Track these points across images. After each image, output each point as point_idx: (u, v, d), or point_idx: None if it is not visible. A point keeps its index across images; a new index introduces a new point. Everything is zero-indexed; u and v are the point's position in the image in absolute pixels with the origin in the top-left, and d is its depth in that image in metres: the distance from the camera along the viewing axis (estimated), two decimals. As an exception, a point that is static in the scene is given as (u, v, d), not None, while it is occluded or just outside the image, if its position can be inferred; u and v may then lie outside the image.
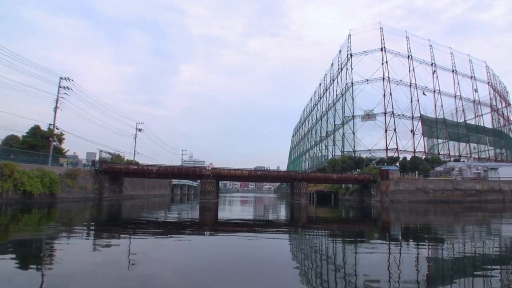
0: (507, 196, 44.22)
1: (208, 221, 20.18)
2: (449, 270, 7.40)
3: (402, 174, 50.88)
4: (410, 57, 71.00)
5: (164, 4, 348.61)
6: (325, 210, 33.90)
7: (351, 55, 71.90)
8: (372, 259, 8.57)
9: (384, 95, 66.34)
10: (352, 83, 70.06)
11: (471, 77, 79.58)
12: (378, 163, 57.69)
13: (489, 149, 77.54)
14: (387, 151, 63.47)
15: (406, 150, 64.44)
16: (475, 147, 74.45)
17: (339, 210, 34.55)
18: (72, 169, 34.90)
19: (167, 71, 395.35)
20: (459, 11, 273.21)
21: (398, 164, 56.16)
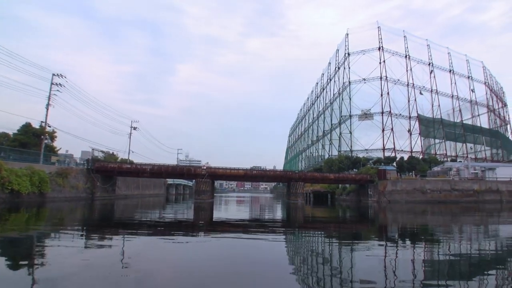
0: (504, 196, 43.92)
1: (201, 221, 19.69)
2: (446, 272, 7.39)
3: (399, 174, 50.56)
4: (408, 56, 70.65)
5: (162, 4, 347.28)
6: (321, 211, 33.68)
7: (348, 54, 71.39)
8: (369, 259, 8.52)
9: (382, 95, 66.00)
10: (350, 82, 69.63)
11: (468, 77, 79.49)
12: (375, 163, 57.35)
13: (485, 149, 77.53)
14: (384, 151, 63.11)
15: (403, 150, 64.10)
16: (471, 147, 74.37)
17: (336, 211, 34.53)
18: (63, 167, 34.01)
19: (165, 70, 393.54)
20: (456, 12, 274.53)
21: (395, 164, 55.84)
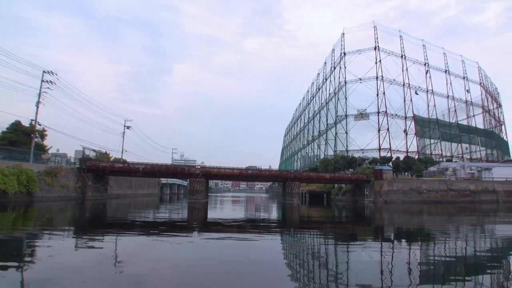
0: (500, 196, 43.74)
1: (195, 222, 19.22)
2: (442, 272, 7.35)
3: (396, 174, 50.27)
4: (404, 56, 70.54)
5: (160, 3, 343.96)
6: (317, 211, 33.34)
7: (344, 53, 71.08)
8: (366, 260, 8.50)
9: (377, 95, 65.72)
10: (345, 82, 69.29)
11: (464, 78, 79.60)
12: (371, 163, 57.02)
13: (480, 149, 77.66)
14: (380, 150, 62.84)
15: (399, 150, 63.94)
16: (467, 148, 74.42)
17: (332, 211, 34.17)
18: (52, 166, 33.08)
19: (162, 70, 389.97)
20: (452, 13, 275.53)
21: (391, 164, 55.52)
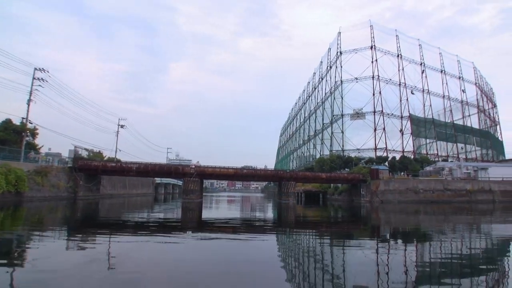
0: (497, 196, 43.62)
1: (187, 222, 18.73)
2: (438, 273, 7.35)
3: (392, 174, 50.03)
4: (400, 56, 70.39)
5: (155, 2, 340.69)
6: (313, 211, 33.07)
7: (340, 53, 70.76)
8: (362, 260, 8.48)
9: (374, 94, 65.51)
10: (342, 81, 69.01)
11: (459, 78, 79.69)
12: (367, 162, 56.77)
13: (476, 149, 77.74)
14: (376, 150, 62.60)
15: (394, 150, 63.73)
16: (462, 147, 74.45)
17: (328, 210, 34.04)
18: (42, 165, 32.30)
19: (158, 69, 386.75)
20: (447, 14, 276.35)
21: (387, 163, 55.27)
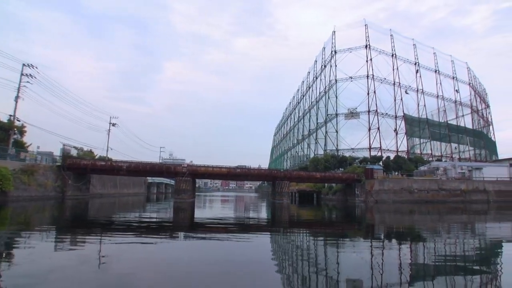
0: (491, 196, 43.56)
1: (177, 222, 18.04)
2: (432, 272, 7.40)
3: (386, 174, 49.76)
4: (394, 55, 70.12)
5: (149, 1, 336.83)
6: (307, 210, 32.79)
7: (335, 52, 70.27)
8: (356, 261, 8.46)
9: (368, 93, 65.18)
10: (336, 80, 68.50)
11: (453, 78, 79.74)
12: (362, 162, 56.45)
13: (469, 149, 77.92)
14: (370, 150, 62.31)
15: (389, 150, 63.44)
16: (456, 147, 74.55)
17: (322, 210, 33.71)
18: (29, 164, 31.30)
19: (152, 68, 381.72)
20: (441, 15, 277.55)
21: (381, 163, 55.00)
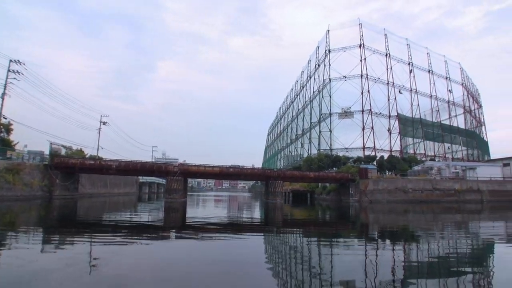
0: (485, 196, 43.52)
1: (167, 224, 17.37)
2: (426, 272, 7.43)
3: (381, 174, 49.53)
4: (388, 55, 70.03)
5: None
6: (301, 210, 32.42)
7: (329, 51, 69.94)
8: (350, 261, 8.45)
9: (362, 93, 64.97)
10: (330, 79, 68.16)
11: (446, 78, 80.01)
12: (355, 161, 56.22)
13: (462, 149, 78.21)
14: (364, 149, 62.08)
15: (382, 149, 63.31)
16: (449, 147, 74.74)
17: (316, 210, 33.41)
18: (14, 163, 30.32)
19: (146, 67, 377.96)
20: (433, 16, 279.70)
21: (375, 163, 54.76)
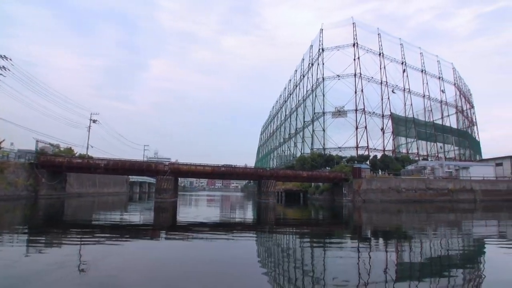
0: (478, 195, 43.52)
1: (157, 225, 16.61)
2: (418, 271, 7.45)
3: (374, 173, 49.25)
4: (382, 54, 69.94)
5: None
6: (294, 210, 31.96)
7: (322, 50, 69.62)
8: (343, 261, 8.40)
9: (356, 92, 64.75)
10: (323, 78, 67.84)
11: (439, 78, 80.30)
12: (349, 161, 55.89)
13: (454, 149, 78.55)
14: (357, 149, 61.86)
15: (376, 149, 63.23)
16: (441, 147, 74.96)
17: (309, 210, 32.94)
18: (-4, 161, 29.35)
19: (138, 65, 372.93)
20: (426, 18, 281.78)
21: (368, 162, 54.51)
